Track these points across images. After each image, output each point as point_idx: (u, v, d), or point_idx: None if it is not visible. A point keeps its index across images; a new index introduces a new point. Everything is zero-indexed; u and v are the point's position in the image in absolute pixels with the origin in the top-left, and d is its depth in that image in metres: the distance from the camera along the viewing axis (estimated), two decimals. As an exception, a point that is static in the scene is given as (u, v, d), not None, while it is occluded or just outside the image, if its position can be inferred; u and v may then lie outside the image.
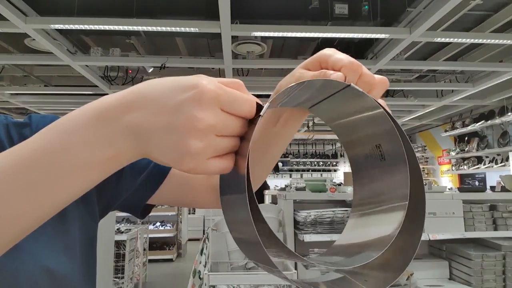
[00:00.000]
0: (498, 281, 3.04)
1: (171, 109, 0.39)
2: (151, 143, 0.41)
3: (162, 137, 0.40)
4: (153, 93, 0.42)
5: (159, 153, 0.41)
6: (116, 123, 0.41)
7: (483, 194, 3.67)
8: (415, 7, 4.00)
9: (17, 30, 3.94)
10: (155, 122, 0.40)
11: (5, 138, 0.63)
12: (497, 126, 7.84)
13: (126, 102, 0.42)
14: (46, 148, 0.41)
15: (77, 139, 0.41)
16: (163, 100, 0.40)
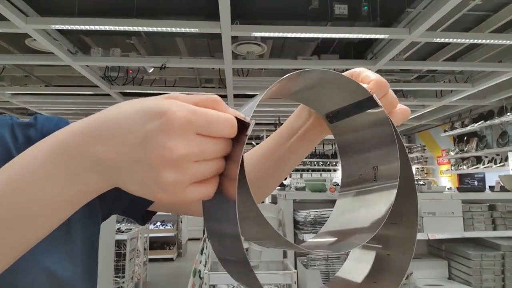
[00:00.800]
0: (497, 280, 3.05)
1: (139, 140, 0.36)
2: (121, 176, 0.38)
3: (132, 170, 0.37)
4: (118, 121, 0.38)
5: (131, 186, 0.38)
6: (81, 156, 0.38)
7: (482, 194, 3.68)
8: (415, 7, 4.01)
9: (18, 30, 3.94)
10: (122, 155, 0.37)
11: (10, 139, 0.63)
12: (496, 126, 7.84)
13: (90, 132, 0.39)
14: (6, 189, 0.39)
15: (39, 176, 0.39)
16: (129, 129, 0.37)
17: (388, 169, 0.49)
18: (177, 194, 0.37)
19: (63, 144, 0.39)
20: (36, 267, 0.56)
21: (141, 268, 5.64)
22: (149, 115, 0.36)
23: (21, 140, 0.63)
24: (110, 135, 0.37)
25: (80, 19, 3.97)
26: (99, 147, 0.38)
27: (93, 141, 0.38)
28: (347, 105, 0.53)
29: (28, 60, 5.34)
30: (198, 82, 6.65)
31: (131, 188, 0.38)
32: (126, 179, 0.38)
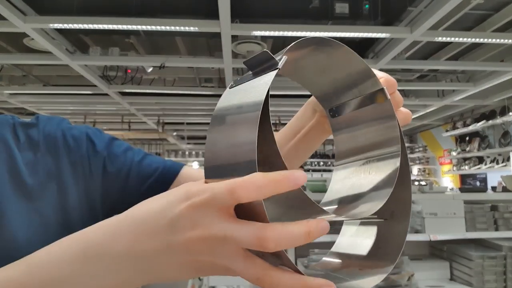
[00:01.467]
0: (499, 281, 3.03)
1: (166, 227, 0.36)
2: (156, 266, 0.37)
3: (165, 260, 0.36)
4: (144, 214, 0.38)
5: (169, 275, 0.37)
6: (107, 258, 0.37)
7: (484, 194, 3.67)
8: (416, 6, 3.98)
9: (16, 29, 3.92)
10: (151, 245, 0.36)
11: (11, 139, 0.63)
12: (498, 126, 7.83)
13: (114, 231, 0.39)
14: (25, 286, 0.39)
15: (63, 276, 0.38)
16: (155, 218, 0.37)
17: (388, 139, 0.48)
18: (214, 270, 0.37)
19: (88, 245, 0.39)
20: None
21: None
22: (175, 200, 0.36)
23: (23, 140, 0.64)
24: (135, 227, 0.37)
25: (78, 18, 3.95)
26: (122, 245, 0.37)
27: (117, 239, 0.37)
28: (355, 97, 0.51)
29: (26, 59, 5.32)
30: (198, 82, 6.63)
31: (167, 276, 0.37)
32: (159, 270, 0.37)
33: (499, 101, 7.27)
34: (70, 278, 0.38)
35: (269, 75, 0.37)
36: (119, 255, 0.37)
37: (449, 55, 5.41)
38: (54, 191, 0.62)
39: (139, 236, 0.36)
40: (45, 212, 0.60)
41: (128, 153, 0.71)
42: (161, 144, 12.93)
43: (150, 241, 0.35)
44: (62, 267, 0.38)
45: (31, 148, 0.63)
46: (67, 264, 0.38)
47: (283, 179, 0.32)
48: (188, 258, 0.35)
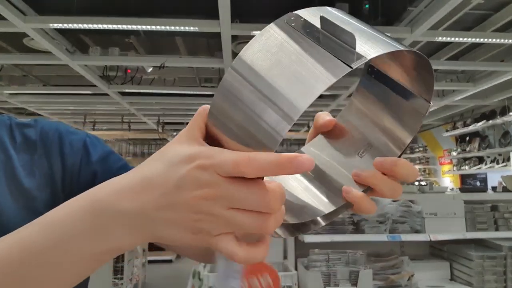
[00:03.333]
0: (499, 282, 3.03)
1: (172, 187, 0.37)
2: (152, 226, 0.38)
3: (164, 217, 0.37)
4: (150, 174, 0.39)
5: (163, 234, 0.38)
6: (108, 214, 0.39)
7: (485, 194, 3.67)
8: (416, 6, 3.98)
9: (16, 29, 3.93)
10: (153, 204, 0.38)
11: (8, 139, 0.63)
12: (498, 126, 7.83)
13: (119, 189, 0.40)
14: (37, 244, 0.40)
15: (72, 234, 0.40)
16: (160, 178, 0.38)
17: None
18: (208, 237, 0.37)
19: (96, 202, 0.40)
20: None
21: (140, 269, 5.62)
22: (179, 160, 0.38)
23: (19, 141, 0.64)
24: (141, 187, 0.38)
25: (78, 18, 3.95)
26: (127, 201, 0.38)
27: (121, 195, 0.39)
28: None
29: (26, 59, 5.33)
30: (198, 82, 6.63)
31: (161, 235, 0.39)
32: (155, 227, 0.38)
33: (499, 101, 7.27)
34: (81, 233, 0.39)
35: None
36: (125, 212, 0.38)
37: (449, 55, 5.41)
38: (48, 193, 0.62)
39: (145, 195, 0.38)
40: (42, 212, 0.59)
41: (122, 172, 0.68)
42: (161, 144, 12.92)
43: (156, 200, 0.37)
44: (73, 223, 0.40)
45: (28, 149, 0.63)
46: (78, 220, 0.40)
47: (287, 163, 0.35)
48: (189, 217, 0.36)
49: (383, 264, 3.03)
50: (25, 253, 0.40)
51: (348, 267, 2.89)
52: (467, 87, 6.19)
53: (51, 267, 0.40)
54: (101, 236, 0.39)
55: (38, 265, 0.40)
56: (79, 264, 0.41)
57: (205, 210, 0.36)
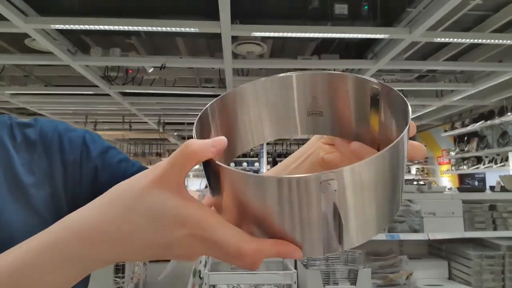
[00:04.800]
0: (497, 280, 3.05)
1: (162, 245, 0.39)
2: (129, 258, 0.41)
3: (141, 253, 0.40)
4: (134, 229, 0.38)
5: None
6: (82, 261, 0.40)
7: (483, 194, 3.68)
8: (415, 7, 3.99)
9: (17, 30, 3.93)
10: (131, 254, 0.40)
11: (8, 139, 0.63)
12: (496, 126, 7.84)
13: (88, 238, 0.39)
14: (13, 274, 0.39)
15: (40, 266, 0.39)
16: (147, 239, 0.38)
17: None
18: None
19: (62, 248, 0.39)
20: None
21: (141, 268, 5.63)
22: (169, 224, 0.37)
23: (19, 140, 0.63)
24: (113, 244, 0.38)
25: (79, 19, 3.96)
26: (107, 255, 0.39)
27: (101, 250, 0.38)
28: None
29: (28, 60, 5.33)
30: (198, 82, 6.64)
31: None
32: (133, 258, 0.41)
33: (497, 101, 7.28)
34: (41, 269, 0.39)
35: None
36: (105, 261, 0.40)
37: (448, 55, 5.42)
38: (48, 192, 0.62)
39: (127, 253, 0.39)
40: (42, 211, 0.59)
41: (122, 164, 0.68)
42: (161, 144, 12.93)
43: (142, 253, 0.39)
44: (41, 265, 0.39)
45: (28, 148, 0.63)
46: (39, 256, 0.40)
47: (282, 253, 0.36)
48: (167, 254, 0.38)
49: (382, 263, 3.05)
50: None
51: (347, 266, 2.91)
52: (465, 87, 6.20)
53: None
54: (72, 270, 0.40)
55: None
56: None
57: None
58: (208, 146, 0.37)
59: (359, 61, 5.23)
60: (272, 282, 2.62)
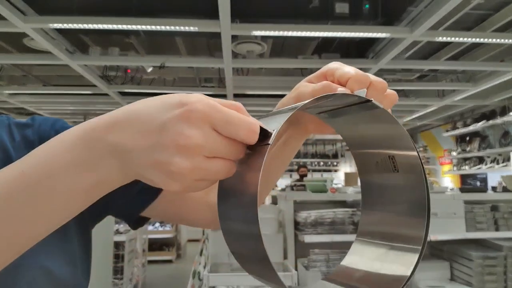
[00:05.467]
0: (499, 281, 3.03)
1: (157, 128, 0.38)
2: (136, 163, 0.39)
3: (147, 157, 0.38)
4: (139, 111, 0.40)
5: (145, 174, 0.39)
6: (101, 144, 0.40)
7: (485, 194, 3.66)
8: (416, 6, 3.98)
9: (16, 29, 3.93)
10: (139, 141, 0.38)
11: (7, 139, 0.63)
12: (498, 126, 7.83)
13: (113, 121, 0.40)
14: (31, 175, 0.40)
15: (61, 165, 0.40)
16: (149, 118, 0.39)
17: (406, 157, 0.47)
18: (190, 186, 0.39)
19: (84, 133, 0.41)
20: (36, 267, 0.56)
21: (140, 269, 5.62)
22: (169, 104, 0.38)
23: (18, 140, 0.64)
24: (129, 124, 0.39)
25: (78, 18, 3.95)
26: (117, 134, 0.39)
27: (112, 129, 0.40)
28: (343, 106, 0.50)
29: (26, 59, 5.33)
30: (198, 82, 6.63)
31: (146, 177, 0.39)
32: (141, 167, 0.39)
33: (499, 101, 7.28)
34: (70, 165, 0.40)
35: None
36: (112, 145, 0.39)
37: (449, 55, 5.41)
38: None
39: (132, 132, 0.39)
40: None
41: None
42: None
43: (140, 138, 0.38)
44: (64, 155, 0.40)
45: (27, 148, 0.63)
46: (69, 151, 0.40)
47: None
48: (166, 159, 0.37)
49: (383, 264, 3.03)
50: (9, 185, 0.40)
51: (348, 267, 2.88)
52: (467, 87, 6.19)
53: (41, 200, 0.40)
54: (89, 167, 0.40)
55: (22, 198, 0.39)
56: (69, 198, 0.41)
57: (187, 153, 0.36)
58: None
59: (360, 60, 5.22)
60: (272, 284, 2.60)
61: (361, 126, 0.51)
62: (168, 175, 0.37)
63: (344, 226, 3.06)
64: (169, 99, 0.39)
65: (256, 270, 0.42)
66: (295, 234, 3.16)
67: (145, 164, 0.38)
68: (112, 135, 0.39)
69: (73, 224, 0.63)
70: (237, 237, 0.41)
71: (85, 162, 0.40)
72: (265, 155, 0.37)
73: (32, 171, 0.40)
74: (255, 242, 0.37)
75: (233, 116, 0.38)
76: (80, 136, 0.41)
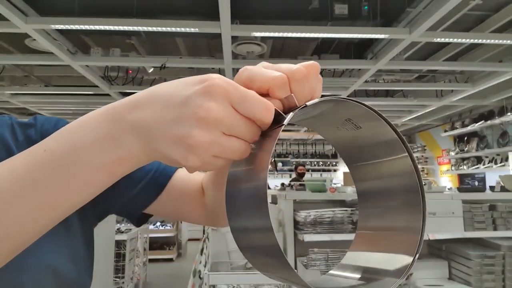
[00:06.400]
0: (497, 281, 3.04)
1: (178, 103, 0.39)
2: (156, 139, 0.40)
3: (167, 131, 0.39)
4: (160, 91, 0.41)
5: (165, 150, 0.40)
6: (122, 122, 0.41)
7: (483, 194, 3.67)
8: (415, 7, 4.00)
9: (18, 30, 3.94)
10: (159, 117, 0.39)
11: (10, 139, 0.63)
12: (496, 126, 7.84)
13: (135, 101, 0.42)
14: (55, 151, 0.41)
15: (85, 140, 0.41)
16: (169, 95, 0.40)
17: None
18: (207, 162, 0.39)
19: (110, 111, 0.42)
20: (41, 264, 0.57)
21: (141, 268, 5.64)
22: (191, 82, 0.40)
23: (21, 139, 0.64)
24: (151, 102, 0.41)
25: (79, 19, 3.97)
26: (140, 112, 0.40)
27: (135, 108, 0.41)
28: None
29: (28, 60, 5.34)
30: (198, 82, 6.64)
31: (166, 152, 0.40)
32: (162, 143, 0.39)
33: (497, 101, 7.29)
34: (93, 141, 0.41)
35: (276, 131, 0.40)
36: (133, 122, 0.41)
37: (447, 55, 5.43)
38: None
39: (152, 110, 0.40)
40: None
41: None
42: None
43: (161, 114, 0.39)
44: (87, 132, 0.42)
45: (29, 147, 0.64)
46: (92, 128, 0.42)
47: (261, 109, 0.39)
48: (185, 132, 0.38)
49: (382, 263, 3.05)
50: (38, 160, 0.41)
51: (347, 266, 2.90)
52: (465, 87, 6.21)
53: (62, 175, 0.41)
54: (112, 143, 0.41)
55: (50, 172, 0.41)
56: (92, 173, 0.41)
57: (206, 126, 0.37)
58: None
59: (359, 61, 5.24)
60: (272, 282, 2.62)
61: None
62: (187, 149, 0.38)
63: (343, 225, 3.08)
64: (191, 78, 0.41)
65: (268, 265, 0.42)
66: (295, 233, 3.18)
67: (165, 139, 0.39)
68: (133, 114, 0.41)
69: (76, 222, 0.64)
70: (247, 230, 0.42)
71: (108, 138, 0.41)
72: (275, 139, 0.39)
73: (55, 147, 0.42)
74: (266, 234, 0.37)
75: (251, 94, 0.39)
76: (102, 116, 0.42)
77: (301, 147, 13.61)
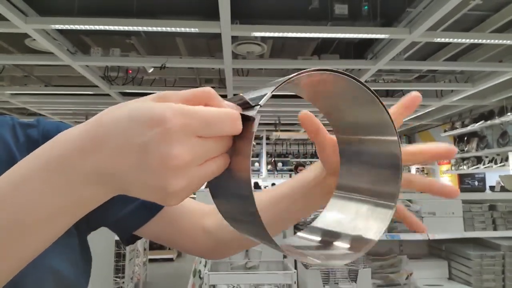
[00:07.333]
0: (497, 281, 3.04)
1: (137, 149, 0.34)
2: (125, 184, 0.36)
3: (135, 177, 0.35)
4: (112, 129, 0.35)
5: (138, 193, 0.37)
6: (77, 171, 0.36)
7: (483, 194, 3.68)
8: (415, 7, 4.00)
9: (17, 30, 3.95)
10: (122, 164, 0.35)
11: (11, 139, 0.63)
12: (496, 126, 7.84)
13: (83, 144, 0.36)
14: (7, 195, 0.37)
15: (38, 185, 0.37)
16: (125, 137, 0.34)
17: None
18: (183, 196, 0.36)
19: (59, 157, 0.37)
20: (42, 267, 0.56)
21: (141, 268, 5.64)
22: (142, 123, 0.34)
23: (22, 140, 0.63)
24: (98, 145, 0.35)
25: (79, 19, 3.97)
26: (89, 157, 0.36)
27: (88, 153, 0.36)
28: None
29: (28, 60, 5.35)
30: (198, 82, 6.65)
31: (137, 194, 0.37)
32: (133, 187, 0.36)
33: (497, 101, 7.29)
34: (37, 189, 0.37)
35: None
36: (87, 171, 0.36)
37: (447, 55, 5.43)
38: None
39: (108, 154, 0.35)
40: None
41: None
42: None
43: (120, 158, 0.35)
44: (31, 178, 0.37)
45: (31, 148, 0.58)
46: (36, 174, 0.37)
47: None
48: (160, 183, 0.34)
49: (382, 263, 3.06)
50: None
51: (347, 266, 2.91)
52: (465, 87, 6.21)
53: (21, 219, 0.37)
54: (70, 191, 0.37)
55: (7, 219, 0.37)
56: (52, 216, 0.38)
57: (181, 173, 0.34)
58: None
59: (359, 61, 5.24)
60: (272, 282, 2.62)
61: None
62: (165, 195, 0.35)
63: (343, 225, 3.08)
64: (138, 115, 0.34)
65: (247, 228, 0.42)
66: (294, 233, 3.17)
67: (135, 184, 0.36)
68: (89, 162, 0.36)
69: (72, 228, 0.63)
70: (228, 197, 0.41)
71: (64, 187, 0.37)
72: (251, 140, 0.36)
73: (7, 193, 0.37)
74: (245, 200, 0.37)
75: (212, 115, 0.35)
76: (53, 163, 0.37)
77: (301, 147, 13.61)
